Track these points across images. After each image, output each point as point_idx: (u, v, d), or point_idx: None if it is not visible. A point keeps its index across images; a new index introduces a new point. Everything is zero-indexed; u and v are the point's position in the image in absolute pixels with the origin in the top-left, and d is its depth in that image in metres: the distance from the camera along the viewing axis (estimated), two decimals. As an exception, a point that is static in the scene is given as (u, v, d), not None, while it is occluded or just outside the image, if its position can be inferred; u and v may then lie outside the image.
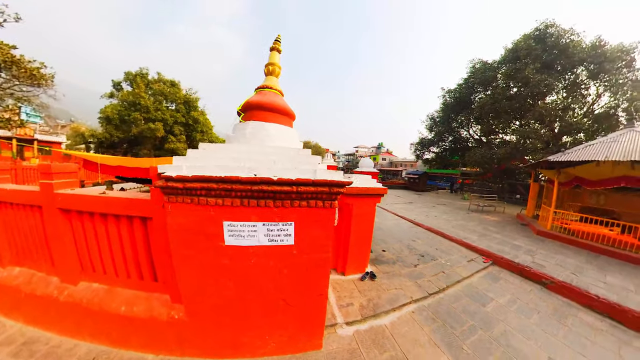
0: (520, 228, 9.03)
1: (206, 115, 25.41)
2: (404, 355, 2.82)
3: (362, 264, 4.65)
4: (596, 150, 7.20)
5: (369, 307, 3.61)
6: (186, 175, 2.05)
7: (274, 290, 2.52)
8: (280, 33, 3.70)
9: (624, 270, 5.46)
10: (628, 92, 13.25)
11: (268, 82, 3.34)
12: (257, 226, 2.29)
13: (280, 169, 2.24)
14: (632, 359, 3.06)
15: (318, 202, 2.37)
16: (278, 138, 2.97)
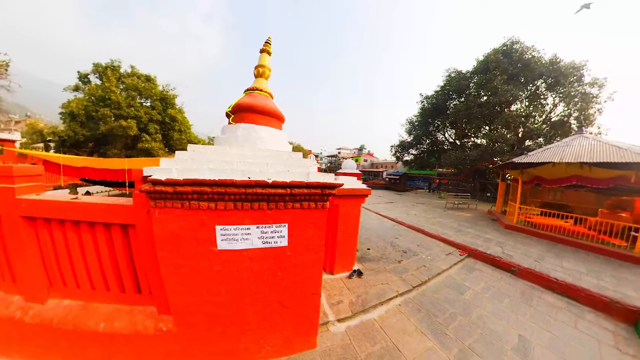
0: (491, 223, 9.81)
1: (184, 114, 23.77)
2: (394, 345, 2.99)
3: (349, 262, 4.78)
4: (552, 153, 8.15)
5: (358, 303, 3.73)
6: (177, 179, 1.94)
7: (269, 293, 2.49)
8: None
9: (577, 256, 6.21)
10: (578, 104, 15.15)
11: (258, 84, 3.31)
12: (250, 229, 2.26)
13: (273, 172, 2.26)
14: (585, 329, 3.56)
15: (311, 204, 2.40)
16: (269, 141, 2.96)
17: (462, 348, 3.01)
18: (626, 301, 3.95)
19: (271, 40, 3.50)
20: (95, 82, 19.06)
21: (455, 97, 21.22)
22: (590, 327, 3.60)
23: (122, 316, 2.46)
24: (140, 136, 19.57)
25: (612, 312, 3.93)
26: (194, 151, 2.45)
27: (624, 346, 3.25)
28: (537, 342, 3.19)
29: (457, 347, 3.02)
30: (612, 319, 3.85)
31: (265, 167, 2.34)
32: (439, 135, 24.13)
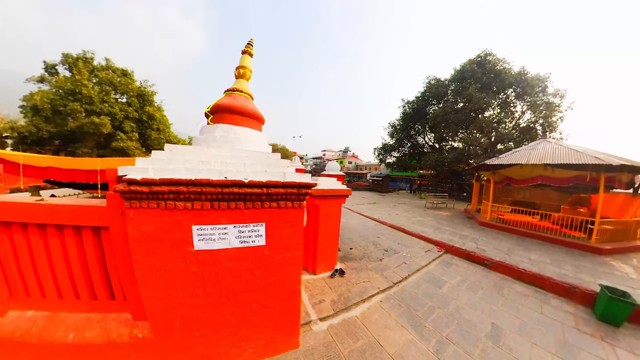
0: (467, 220, 10.32)
1: (163, 112, 22.31)
2: (376, 340, 3.05)
3: (331, 262, 4.83)
4: (520, 156, 8.81)
5: (340, 302, 3.77)
6: (153, 179, 1.92)
7: (248, 293, 2.47)
8: (247, 35, 3.71)
9: (543, 248, 6.72)
10: (543, 112, 16.67)
11: (238, 85, 3.31)
12: (227, 228, 2.26)
13: (251, 171, 2.28)
14: (550, 313, 3.88)
15: (288, 203, 2.45)
16: (248, 142, 2.97)
17: (440, 338, 3.14)
18: (584, 286, 4.35)
19: (253, 42, 3.52)
20: (65, 74, 17.37)
21: (434, 102, 22.37)
22: (554, 312, 3.91)
23: (93, 325, 2.34)
24: (114, 134, 18.18)
25: (572, 297, 4.31)
26: (171, 151, 2.41)
27: (583, 326, 3.58)
28: (508, 328, 3.42)
29: (435, 338, 3.15)
30: (573, 302, 4.22)
31: (243, 167, 2.35)
32: (419, 138, 25.19)
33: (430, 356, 2.85)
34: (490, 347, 3.04)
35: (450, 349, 2.98)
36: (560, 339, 3.26)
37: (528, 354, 2.95)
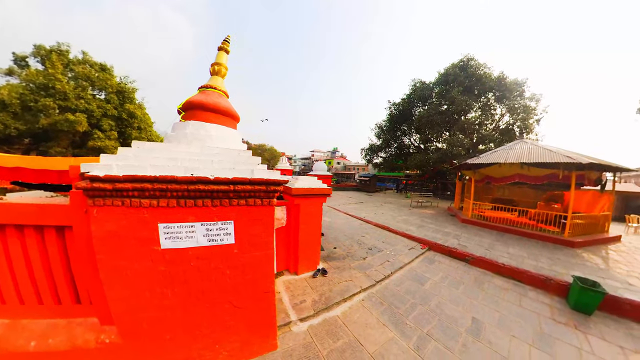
0: (450, 218, 10.54)
1: (145, 110, 21.25)
2: (356, 339, 2.97)
3: (313, 262, 4.73)
4: (498, 156, 9.15)
5: (321, 302, 3.68)
6: (116, 175, 1.87)
7: (219, 293, 2.39)
8: (230, 34, 3.68)
9: (521, 243, 6.93)
10: (520, 114, 17.67)
11: (213, 82, 3.25)
12: (195, 226, 2.21)
13: (218, 168, 2.24)
14: (528, 305, 3.95)
15: (257, 201, 2.41)
16: (220, 139, 2.91)
17: (421, 335, 3.10)
18: (558, 278, 4.50)
19: (230, 39, 3.47)
20: (37, 67, 16.08)
21: (419, 104, 22.99)
22: (531, 304, 3.99)
23: (58, 331, 2.24)
24: (91, 133, 17.06)
25: (548, 288, 4.43)
26: (138, 148, 2.31)
27: (558, 316, 3.68)
28: (488, 322, 3.43)
29: (416, 334, 3.10)
30: (549, 294, 4.34)
31: (211, 164, 2.31)
32: (405, 139, 25.71)
33: (410, 353, 2.79)
34: (470, 341, 3.03)
35: (431, 345, 2.94)
36: (538, 330, 3.31)
37: (507, 347, 2.96)
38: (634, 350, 3.01)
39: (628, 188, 15.84)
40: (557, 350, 2.96)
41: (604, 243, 7.49)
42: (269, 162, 46.08)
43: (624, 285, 4.38)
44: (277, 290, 3.97)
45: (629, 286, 4.34)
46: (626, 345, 3.10)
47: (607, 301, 3.81)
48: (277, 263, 4.55)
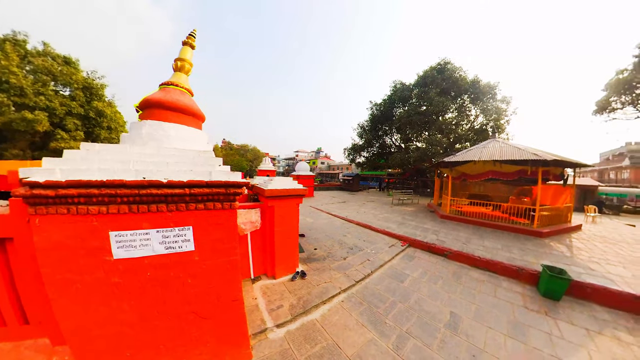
0: (429, 214, 10.81)
1: (116, 108, 19.77)
2: (335, 343, 2.87)
3: (291, 264, 4.58)
4: (473, 154, 9.55)
5: (299, 305, 3.54)
6: (59, 181, 1.72)
7: (182, 304, 2.22)
8: (196, 28, 3.49)
9: (495, 235, 7.22)
10: (493, 115, 18.81)
11: (175, 78, 3.06)
12: (150, 234, 2.07)
13: (173, 171, 2.11)
14: (502, 296, 4.08)
15: (216, 204, 2.29)
16: (180, 140, 2.74)
17: (400, 334, 3.05)
18: (529, 267, 4.70)
19: (196, 34, 3.30)
20: None
21: (400, 105, 23.58)
22: (505, 293, 4.12)
23: (3, 356, 2.07)
24: (53, 133, 15.44)
25: (520, 278, 4.61)
26: (87, 150, 2.15)
27: (530, 304, 3.82)
28: (465, 315, 3.47)
29: (395, 333, 3.06)
30: (521, 283, 4.51)
31: (165, 167, 2.17)
32: (386, 139, 26.23)
33: (389, 354, 2.73)
34: (448, 336, 3.04)
35: (410, 343, 2.90)
36: (512, 319, 3.41)
37: (483, 338, 3.01)
38: (597, 331, 3.20)
39: (586, 182, 17.34)
40: (529, 337, 3.05)
41: (568, 232, 8.03)
42: (252, 163, 44.99)
43: (586, 270, 4.67)
44: (253, 296, 3.77)
45: (590, 271, 4.63)
46: (591, 327, 3.29)
47: (573, 287, 4.03)
48: (254, 268, 4.34)
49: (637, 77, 10.60)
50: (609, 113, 12.06)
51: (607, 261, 5.29)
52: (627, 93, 11.12)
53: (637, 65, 10.53)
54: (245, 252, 4.22)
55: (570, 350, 2.86)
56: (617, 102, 11.55)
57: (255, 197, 4.75)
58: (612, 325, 3.33)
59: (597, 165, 36.41)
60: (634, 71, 10.65)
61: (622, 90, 11.17)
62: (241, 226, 4.01)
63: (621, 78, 11.17)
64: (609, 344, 2.98)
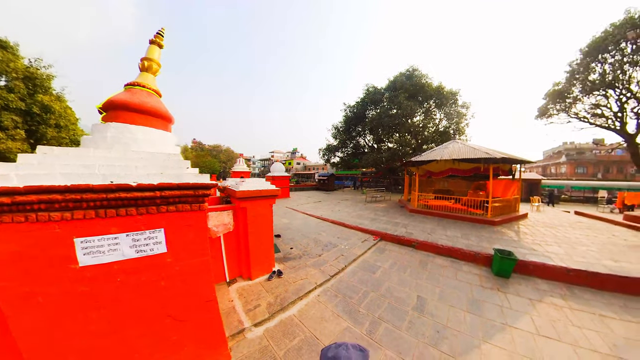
0: (400, 209, 11.50)
1: (66, 103, 17.17)
2: (312, 334, 3.00)
3: (267, 264, 4.60)
4: (436, 154, 10.50)
5: (277, 303, 3.61)
6: (16, 187, 1.63)
7: (157, 308, 2.18)
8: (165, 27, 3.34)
9: (456, 225, 7.98)
10: (454, 119, 20.84)
11: (142, 79, 2.94)
12: (119, 238, 2.02)
13: (143, 174, 2.11)
14: (462, 278, 4.58)
15: (186, 206, 2.31)
16: (148, 143, 2.67)
17: (373, 319, 3.29)
18: (484, 251, 5.33)
19: (164, 32, 3.19)
20: None
21: (372, 107, 24.72)
22: (465, 276, 4.63)
23: None
24: None
25: (477, 261, 5.22)
26: (45, 154, 2.03)
27: (485, 283, 4.37)
28: (430, 298, 3.84)
29: (368, 320, 3.28)
30: (478, 265, 5.11)
31: (134, 170, 2.15)
32: (360, 139, 27.19)
33: (364, 339, 2.94)
34: (416, 317, 3.35)
35: (382, 327, 3.14)
36: (470, 297, 3.88)
37: (446, 316, 3.38)
38: (538, 300, 3.83)
39: (531, 176, 19.83)
40: (485, 311, 3.52)
41: (516, 220, 9.19)
42: (225, 164, 43.19)
43: (530, 251, 5.43)
44: (229, 299, 3.73)
45: (533, 251, 5.40)
46: (533, 297, 3.92)
47: (519, 265, 4.69)
48: (229, 270, 4.27)
49: (567, 90, 12.57)
50: (548, 118, 14.09)
51: (546, 242, 6.19)
52: (560, 102, 13.13)
53: (568, 79, 12.52)
54: (219, 255, 4.14)
55: (517, 317, 3.39)
56: (553, 109, 13.58)
57: (228, 199, 4.68)
58: (549, 294, 3.99)
59: (540, 162, 41.84)
60: (565, 84, 12.61)
61: (557, 99, 13.18)
62: (213, 229, 3.93)
63: (556, 89, 13.22)
64: (547, 309, 3.59)
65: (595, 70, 11.61)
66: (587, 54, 11.61)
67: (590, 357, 2.71)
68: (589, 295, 3.98)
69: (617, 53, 10.68)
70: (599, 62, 11.37)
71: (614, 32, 10.44)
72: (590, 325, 3.24)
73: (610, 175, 31.49)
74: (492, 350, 2.77)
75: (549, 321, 3.30)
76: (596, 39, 11.11)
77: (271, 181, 17.30)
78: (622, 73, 10.83)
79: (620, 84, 11.01)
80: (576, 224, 8.90)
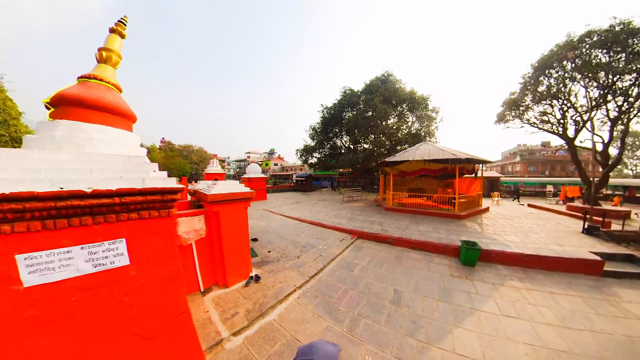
0: (376, 208, 11.89)
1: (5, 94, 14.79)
2: (294, 337, 2.96)
3: (244, 270, 4.43)
4: (408, 154, 11.12)
5: (256, 309, 3.51)
6: None
7: (121, 327, 1.98)
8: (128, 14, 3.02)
9: (428, 221, 8.47)
10: (425, 122, 22.16)
11: (100, 71, 2.63)
12: (72, 251, 1.81)
13: (99, 179, 1.91)
14: (434, 269, 4.88)
15: (152, 212, 2.15)
16: (106, 143, 2.40)
17: (353, 317, 3.35)
18: (452, 243, 5.74)
19: (127, 21, 2.89)
20: None
21: (349, 109, 25.29)
22: (437, 267, 4.95)
23: None
24: None
25: (447, 252, 5.60)
26: None
27: (454, 272, 4.71)
28: (406, 290, 4.03)
29: (348, 317, 3.34)
30: (447, 257, 5.49)
31: (89, 174, 1.93)
32: (337, 140, 27.61)
33: (345, 336, 2.97)
34: (393, 310, 3.49)
35: (362, 323, 3.21)
36: (441, 287, 4.16)
37: (421, 306, 3.58)
38: (500, 284, 4.25)
39: (491, 174, 21.87)
40: (455, 298, 3.81)
41: (479, 214, 10.07)
42: (198, 165, 40.84)
43: (492, 240, 5.98)
44: (205, 310, 3.53)
45: (494, 241, 5.96)
46: (496, 281, 4.34)
47: (483, 254, 5.14)
48: (203, 279, 4.05)
49: (521, 99, 14.31)
50: (505, 123, 15.83)
51: (505, 232, 6.85)
52: (515, 109, 14.93)
53: (521, 90, 14.33)
54: (191, 263, 3.90)
55: (483, 301, 3.73)
56: (509, 115, 15.33)
57: (199, 204, 4.43)
58: (509, 278, 4.46)
59: (499, 162, 46.62)
60: (519, 94, 14.40)
61: (512, 107, 14.98)
62: (184, 235, 3.70)
63: (512, 98, 15.09)
64: (507, 291, 4.01)
65: (543, 83, 13.43)
66: (537, 68, 13.34)
67: (544, 329, 3.08)
68: (541, 276, 4.52)
69: (560, 69, 12.48)
70: (546, 76, 13.16)
71: (558, 51, 12.14)
72: (543, 302, 3.70)
73: (555, 173, 36.34)
74: (462, 333, 3.01)
75: (509, 302, 3.69)
76: (544, 56, 12.87)
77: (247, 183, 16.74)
78: (564, 86, 12.68)
79: (562, 95, 12.90)
80: (529, 215, 10.04)
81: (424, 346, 2.80)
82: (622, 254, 5.15)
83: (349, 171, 28.42)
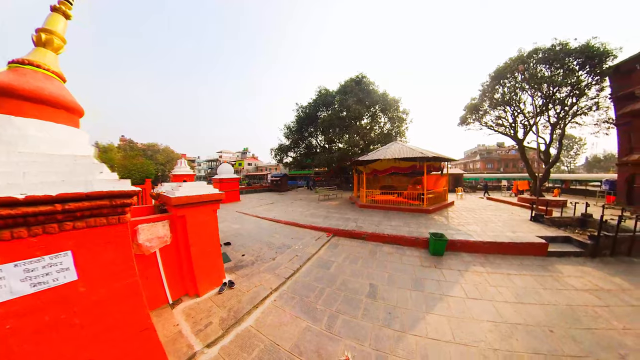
0: (351, 206, 12.17)
1: None
2: (272, 342, 2.88)
3: (216, 277, 4.18)
4: (380, 153, 11.59)
5: (230, 317, 3.34)
6: None
7: (73, 353, 1.75)
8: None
9: (399, 216, 8.90)
10: (396, 123, 23.26)
11: (37, 56, 2.22)
12: (3, 270, 1.54)
13: (34, 183, 1.66)
14: (406, 261, 5.14)
15: (101, 220, 1.93)
16: (46, 142, 2.07)
17: (331, 314, 3.37)
18: (422, 236, 6.11)
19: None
20: None
21: (323, 109, 25.45)
22: (408, 259, 5.22)
23: None
24: None
25: (417, 245, 5.95)
26: None
27: (424, 262, 5.04)
28: (381, 283, 4.18)
29: (326, 315, 3.35)
30: (418, 249, 5.82)
31: (22, 178, 1.68)
32: (312, 140, 27.63)
33: (324, 334, 2.98)
34: (370, 304, 3.59)
35: (340, 319, 3.25)
36: (413, 277, 4.40)
37: (396, 297, 3.75)
38: (464, 270, 4.65)
39: (455, 171, 23.76)
40: (426, 286, 4.07)
41: (445, 208, 10.88)
42: (165, 166, 37.65)
43: (456, 231, 6.49)
44: (174, 323, 3.27)
45: (458, 231, 6.48)
46: (461, 268, 4.74)
47: (449, 244, 5.55)
48: (171, 290, 3.73)
49: (480, 104, 16.07)
50: (466, 125, 17.56)
51: (468, 223, 7.48)
52: (475, 113, 16.76)
53: (480, 96, 16.20)
54: (156, 273, 3.58)
55: (451, 287, 4.04)
56: (470, 118, 17.06)
57: (163, 208, 4.09)
58: (472, 264, 4.90)
59: (462, 160, 51.68)
60: (479, 100, 16.25)
61: (473, 111, 16.84)
62: (146, 244, 3.37)
63: (472, 103, 17.04)
64: (471, 276, 4.40)
65: (498, 91, 15.48)
66: (493, 78, 15.38)
67: (503, 307, 3.47)
68: (499, 260, 5.06)
69: (512, 80, 14.51)
70: (500, 85, 15.22)
71: (511, 64, 14.12)
72: (502, 283, 4.15)
73: (508, 169, 41.81)
74: (434, 318, 3.23)
75: (473, 285, 4.06)
76: (500, 67, 14.86)
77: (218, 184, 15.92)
78: (515, 95, 14.78)
79: (514, 102, 15.01)
80: (488, 207, 11.15)
81: (400, 335, 2.93)
82: (561, 236, 6.00)
83: (324, 170, 28.68)
